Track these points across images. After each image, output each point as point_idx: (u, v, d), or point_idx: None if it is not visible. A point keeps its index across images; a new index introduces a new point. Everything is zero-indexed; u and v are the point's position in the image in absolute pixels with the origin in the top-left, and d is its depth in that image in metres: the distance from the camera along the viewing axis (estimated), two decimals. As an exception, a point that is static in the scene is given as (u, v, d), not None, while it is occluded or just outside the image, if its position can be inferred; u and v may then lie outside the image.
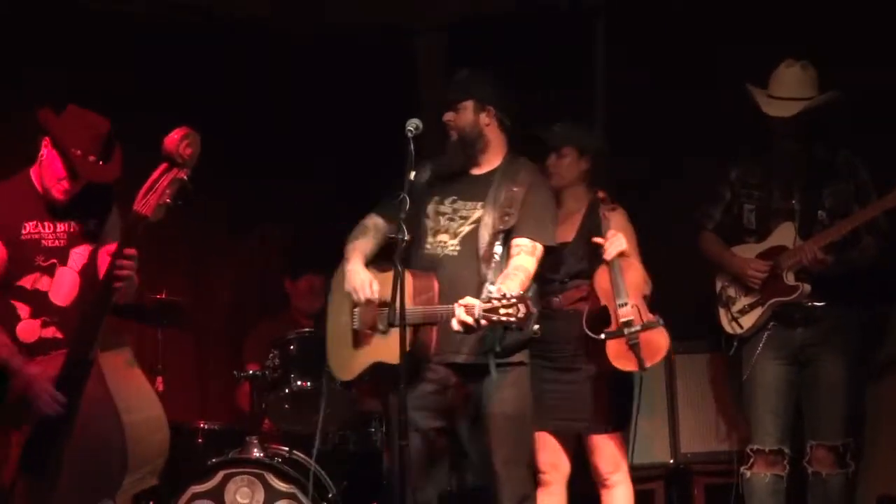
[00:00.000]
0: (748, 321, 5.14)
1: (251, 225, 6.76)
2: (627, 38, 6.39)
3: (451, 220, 4.55)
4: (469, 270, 4.47)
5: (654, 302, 4.86)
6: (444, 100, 4.60)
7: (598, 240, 4.79)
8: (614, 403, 4.90)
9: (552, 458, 4.94)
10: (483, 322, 4.16)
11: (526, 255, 4.45)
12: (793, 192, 5.12)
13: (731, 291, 5.20)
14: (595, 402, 4.85)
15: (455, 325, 4.22)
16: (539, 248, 4.49)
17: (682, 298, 5.62)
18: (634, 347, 4.65)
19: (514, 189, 4.52)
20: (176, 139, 4.09)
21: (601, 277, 4.78)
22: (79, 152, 4.21)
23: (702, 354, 5.82)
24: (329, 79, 6.63)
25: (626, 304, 4.69)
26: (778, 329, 5.10)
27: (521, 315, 4.13)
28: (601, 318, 4.77)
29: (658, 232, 5.75)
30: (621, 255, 4.76)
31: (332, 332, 4.73)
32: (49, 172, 4.30)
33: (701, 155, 5.68)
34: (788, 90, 5.06)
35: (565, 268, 4.88)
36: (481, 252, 4.47)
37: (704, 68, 5.96)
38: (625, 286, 4.71)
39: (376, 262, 4.63)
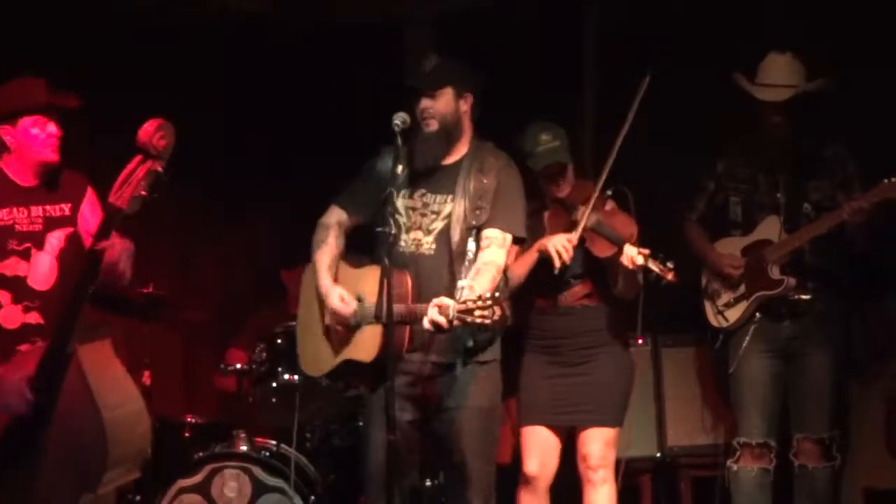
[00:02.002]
0: (733, 315, 5.14)
1: (239, 219, 6.75)
2: (619, 32, 6.39)
3: (423, 215, 4.47)
4: (444, 268, 4.43)
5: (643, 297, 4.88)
6: (421, 86, 4.48)
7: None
8: (614, 399, 4.91)
9: (543, 456, 4.93)
10: (456, 323, 4.12)
11: (496, 248, 4.39)
12: (778, 186, 5.12)
13: (717, 285, 5.21)
14: (597, 396, 4.86)
15: (426, 324, 4.16)
16: (509, 238, 4.44)
17: (668, 291, 5.62)
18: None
19: (485, 180, 4.46)
20: (150, 131, 4.08)
21: (596, 244, 4.78)
22: (41, 98, 4.27)
23: (688, 348, 5.84)
24: (320, 72, 6.62)
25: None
26: (764, 322, 5.11)
27: (495, 317, 4.09)
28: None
29: (646, 225, 5.75)
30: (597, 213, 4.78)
31: (302, 327, 4.67)
32: (30, 143, 4.32)
33: (690, 149, 5.67)
34: (778, 77, 5.06)
35: (569, 271, 4.86)
36: (454, 248, 4.44)
37: (697, 63, 5.96)
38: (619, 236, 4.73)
39: (348, 256, 4.58)
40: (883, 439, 5.52)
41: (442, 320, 4.11)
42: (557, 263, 4.68)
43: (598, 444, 4.87)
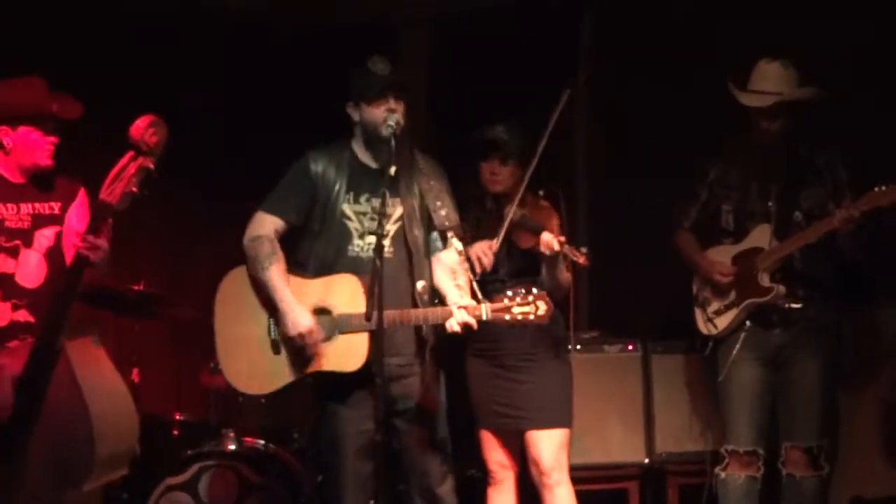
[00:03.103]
0: (723, 322, 5.14)
1: (232, 217, 6.74)
2: (615, 33, 6.40)
3: (374, 219, 4.39)
4: (403, 269, 4.45)
5: (635, 303, 4.89)
6: (394, 86, 4.44)
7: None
8: (557, 401, 4.91)
9: (499, 456, 4.97)
10: (490, 321, 4.23)
11: (458, 242, 4.49)
12: (770, 194, 5.12)
13: (707, 292, 5.21)
14: (538, 399, 4.87)
15: (454, 326, 4.28)
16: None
17: (659, 298, 5.64)
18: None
19: (432, 182, 4.50)
20: (141, 127, 4.08)
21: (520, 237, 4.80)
22: (47, 108, 4.25)
23: (678, 355, 5.85)
24: (313, 72, 6.62)
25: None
26: (755, 330, 5.11)
27: (540, 312, 4.25)
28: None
29: (637, 230, 5.78)
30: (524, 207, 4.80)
31: (233, 342, 4.54)
32: (27, 147, 4.31)
33: (681, 153, 5.67)
34: (766, 84, 5.06)
35: (504, 269, 4.87)
36: (415, 249, 4.46)
37: (692, 63, 5.97)
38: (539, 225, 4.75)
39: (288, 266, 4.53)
40: (878, 447, 5.53)
41: (472, 321, 4.26)
42: (478, 269, 4.68)
43: (546, 447, 4.86)
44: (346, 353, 4.38)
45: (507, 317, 4.23)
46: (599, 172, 6.57)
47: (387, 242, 4.37)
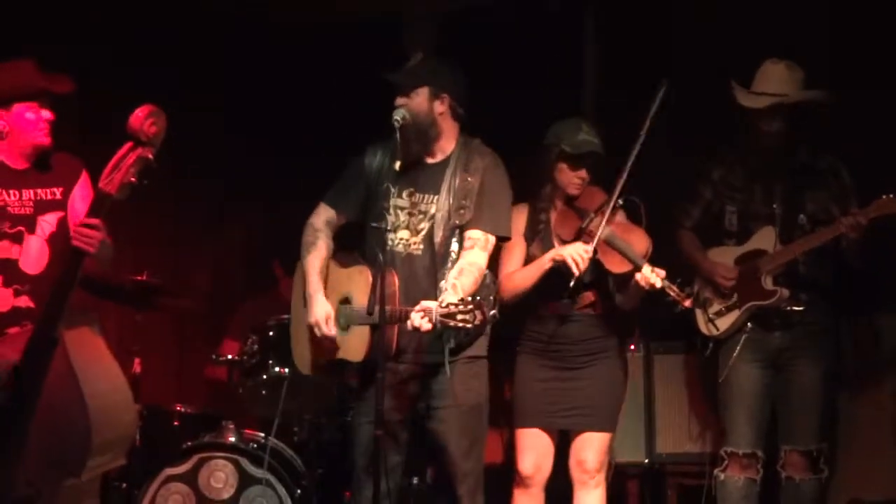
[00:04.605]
0: (724, 323, 5.14)
1: (234, 209, 6.76)
2: (620, 32, 6.39)
3: (411, 214, 4.49)
4: (429, 268, 4.46)
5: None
6: (398, 84, 4.49)
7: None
8: (613, 404, 4.91)
9: (538, 459, 4.91)
10: (439, 325, 4.17)
11: (479, 251, 4.43)
12: (774, 196, 5.11)
13: (709, 293, 5.20)
14: (597, 400, 4.86)
15: (409, 326, 4.22)
16: (492, 240, 4.48)
17: (659, 299, 5.61)
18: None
19: (469, 179, 4.47)
20: (141, 117, 4.06)
21: (608, 258, 4.72)
22: (38, 84, 4.27)
23: (678, 355, 5.84)
24: (319, 69, 6.63)
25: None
26: (756, 332, 5.10)
27: (476, 322, 4.15)
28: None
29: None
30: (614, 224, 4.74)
31: (294, 325, 4.71)
32: (23, 128, 4.32)
33: (687, 153, 5.66)
34: (768, 86, 5.05)
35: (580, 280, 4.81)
36: (438, 247, 4.46)
37: (694, 64, 5.96)
38: (635, 254, 4.67)
39: (337, 255, 4.60)
40: (877, 451, 5.52)
41: (425, 324, 4.17)
42: (576, 272, 4.61)
43: (594, 450, 4.86)
44: (355, 344, 4.42)
45: (451, 323, 4.15)
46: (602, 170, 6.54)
47: (417, 239, 4.47)
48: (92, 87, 4.46)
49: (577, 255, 4.60)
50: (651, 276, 4.56)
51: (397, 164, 4.38)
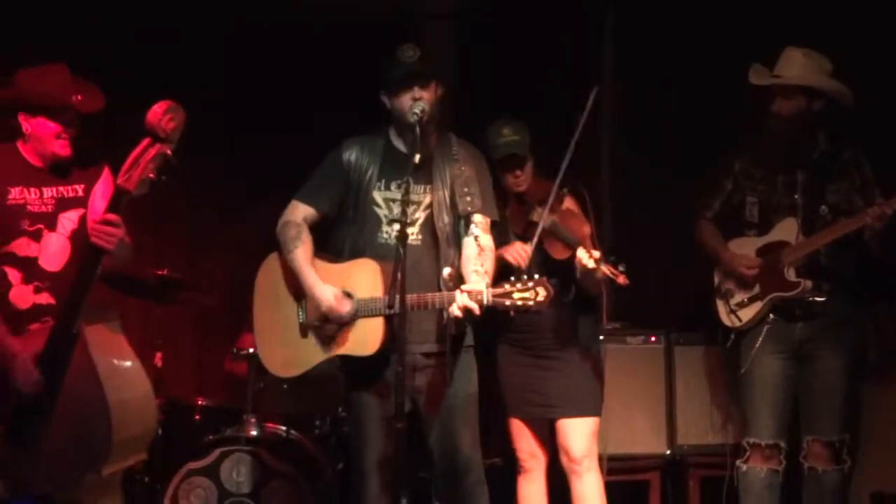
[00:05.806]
0: (747, 314, 5.12)
1: (254, 202, 6.75)
2: (637, 30, 6.37)
3: (405, 205, 4.32)
4: (430, 257, 4.46)
5: (658, 295, 4.86)
6: (417, 75, 4.43)
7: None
8: (587, 390, 4.94)
9: (529, 445, 5.02)
10: (491, 306, 4.18)
11: (486, 234, 4.49)
12: (796, 187, 5.09)
13: (730, 284, 5.18)
14: (569, 388, 4.90)
15: (456, 311, 4.22)
16: (489, 222, 4.55)
17: (680, 290, 5.61)
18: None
19: (462, 168, 4.50)
20: (159, 113, 4.06)
21: (552, 246, 4.80)
22: (66, 99, 4.24)
23: (699, 346, 5.83)
24: (335, 64, 6.62)
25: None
26: (778, 323, 5.08)
27: (539, 298, 4.18)
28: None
29: (658, 223, 5.75)
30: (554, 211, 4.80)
31: (267, 327, 4.63)
32: (44, 137, 4.32)
33: (705, 148, 5.65)
34: (782, 69, 5.03)
35: (531, 272, 4.83)
36: (442, 236, 4.46)
37: (712, 62, 5.94)
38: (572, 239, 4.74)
39: (317, 252, 4.56)
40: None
41: (474, 306, 4.19)
42: (523, 265, 4.68)
43: (577, 435, 4.90)
44: (363, 338, 4.41)
45: (508, 302, 4.19)
46: (623, 165, 6.54)
47: (415, 229, 4.46)
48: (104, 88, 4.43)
49: (516, 253, 4.71)
50: (585, 257, 4.60)
51: (416, 157, 4.34)
